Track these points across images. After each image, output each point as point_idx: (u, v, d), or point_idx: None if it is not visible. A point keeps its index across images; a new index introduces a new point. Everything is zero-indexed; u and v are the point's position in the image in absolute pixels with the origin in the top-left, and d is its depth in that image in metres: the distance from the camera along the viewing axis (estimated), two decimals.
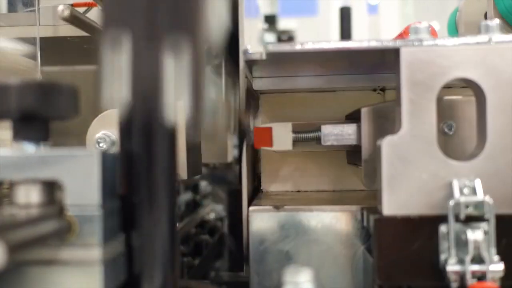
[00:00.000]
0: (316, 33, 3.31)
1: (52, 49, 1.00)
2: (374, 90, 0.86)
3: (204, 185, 1.84)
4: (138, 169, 0.50)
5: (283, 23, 3.04)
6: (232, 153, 1.35)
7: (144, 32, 0.46)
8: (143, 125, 0.50)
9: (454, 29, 1.12)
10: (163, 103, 0.51)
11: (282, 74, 0.78)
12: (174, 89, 0.47)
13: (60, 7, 0.66)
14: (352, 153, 0.81)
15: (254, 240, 0.68)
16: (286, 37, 2.83)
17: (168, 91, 0.48)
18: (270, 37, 2.33)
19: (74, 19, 0.67)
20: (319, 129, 0.74)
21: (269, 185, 0.89)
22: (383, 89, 0.85)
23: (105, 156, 0.46)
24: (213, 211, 1.77)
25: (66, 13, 0.66)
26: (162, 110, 0.51)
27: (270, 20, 2.54)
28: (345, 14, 1.99)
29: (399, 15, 2.87)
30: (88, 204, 0.44)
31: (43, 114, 0.44)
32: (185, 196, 1.81)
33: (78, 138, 0.73)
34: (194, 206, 1.75)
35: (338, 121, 0.77)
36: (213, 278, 1.22)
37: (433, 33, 0.88)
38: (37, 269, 0.44)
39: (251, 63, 0.70)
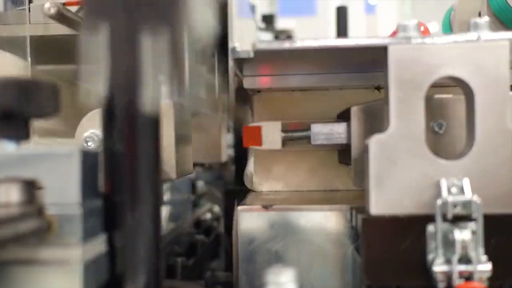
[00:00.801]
0: (315, 33, 3.30)
1: (46, 47, 1.00)
2: (377, 88, 0.84)
3: (200, 185, 1.84)
4: (121, 167, 0.50)
5: (282, 23, 3.03)
6: (226, 153, 1.34)
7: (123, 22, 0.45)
8: (126, 122, 0.50)
9: (448, 28, 1.12)
10: (145, 98, 0.50)
11: (274, 72, 0.77)
12: (154, 81, 0.47)
13: (47, 5, 0.66)
14: (344, 152, 0.80)
15: (243, 240, 0.67)
16: (284, 36, 2.82)
17: (149, 84, 0.48)
18: (267, 37, 2.33)
19: (61, 17, 0.67)
20: (309, 128, 0.73)
21: (261, 185, 0.88)
22: (378, 88, 0.85)
23: (86, 154, 0.45)
24: (209, 211, 1.77)
25: (53, 10, 0.65)
26: (144, 106, 0.51)
27: (268, 19, 2.54)
28: (341, 14, 1.98)
29: (397, 15, 2.86)
30: (67, 203, 0.44)
31: (23, 112, 0.44)
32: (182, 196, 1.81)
33: None
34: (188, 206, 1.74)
35: (330, 120, 0.76)
36: (208, 278, 1.22)
37: (425, 31, 0.87)
38: (16, 269, 0.44)
39: (240, 61, 0.69)
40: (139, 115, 0.50)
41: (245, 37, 1.00)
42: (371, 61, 0.70)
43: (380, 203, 0.56)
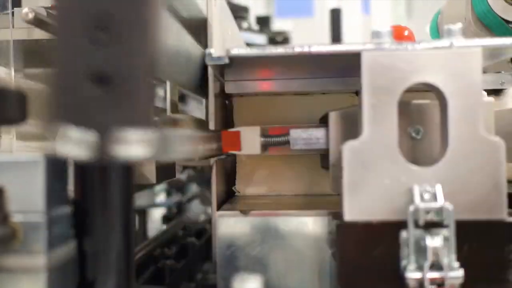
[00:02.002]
0: (312, 34, 3.29)
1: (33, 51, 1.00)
2: (356, 93, 0.84)
3: (193, 187, 1.84)
4: (91, 173, 0.50)
5: (278, 24, 3.03)
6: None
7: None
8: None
9: (436, 32, 1.12)
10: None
11: (255, 77, 0.77)
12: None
13: (25, 10, 0.66)
14: (325, 157, 0.80)
15: (221, 245, 0.67)
16: (281, 38, 2.82)
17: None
18: (261, 39, 2.33)
19: (39, 22, 0.67)
20: (289, 133, 0.73)
21: (244, 188, 0.88)
22: (357, 93, 0.84)
23: (51, 161, 0.45)
24: (203, 213, 1.77)
25: (31, 15, 0.65)
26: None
27: (263, 21, 2.53)
28: (335, 16, 1.98)
29: (391, 16, 2.86)
30: (32, 211, 0.44)
31: None
32: (174, 198, 1.81)
33: None
34: (181, 208, 1.75)
35: (311, 124, 0.76)
36: (199, 281, 1.22)
37: (409, 36, 0.87)
38: None
39: (219, 67, 0.69)
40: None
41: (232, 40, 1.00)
42: (351, 66, 0.70)
43: (354, 209, 0.56)
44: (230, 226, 0.67)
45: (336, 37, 1.96)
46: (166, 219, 1.71)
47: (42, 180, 0.44)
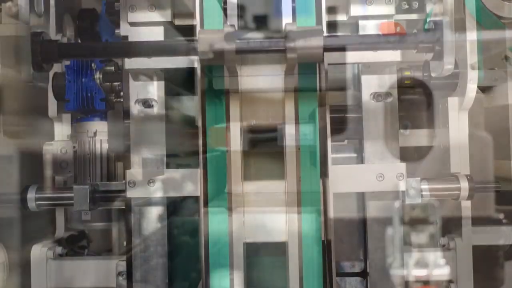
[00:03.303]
0: None
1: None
2: None
3: None
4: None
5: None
6: None
7: None
8: None
9: None
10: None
11: (243, 73, 0.76)
12: None
13: (8, 4, 0.65)
14: None
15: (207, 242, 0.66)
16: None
17: None
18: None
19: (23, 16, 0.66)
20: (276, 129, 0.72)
21: (234, 186, 0.86)
22: None
23: (25, 155, 0.44)
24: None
25: (14, 9, 0.64)
26: None
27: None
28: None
29: (391, 8, 2.82)
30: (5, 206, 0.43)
31: None
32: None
33: None
34: (176, 206, 1.73)
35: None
36: (194, 279, 1.21)
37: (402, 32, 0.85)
38: None
39: (205, 63, 0.68)
40: None
41: None
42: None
43: None
44: (216, 223, 0.66)
45: (332, 31, 1.95)
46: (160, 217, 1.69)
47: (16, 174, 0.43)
